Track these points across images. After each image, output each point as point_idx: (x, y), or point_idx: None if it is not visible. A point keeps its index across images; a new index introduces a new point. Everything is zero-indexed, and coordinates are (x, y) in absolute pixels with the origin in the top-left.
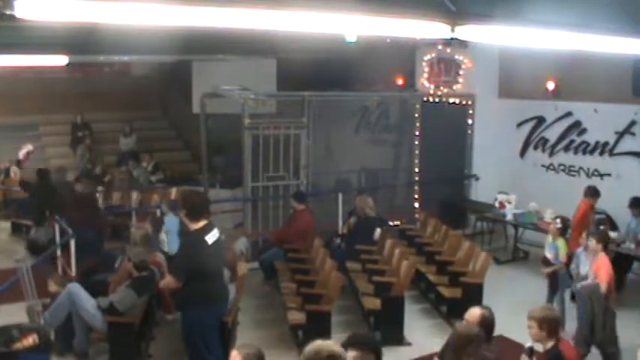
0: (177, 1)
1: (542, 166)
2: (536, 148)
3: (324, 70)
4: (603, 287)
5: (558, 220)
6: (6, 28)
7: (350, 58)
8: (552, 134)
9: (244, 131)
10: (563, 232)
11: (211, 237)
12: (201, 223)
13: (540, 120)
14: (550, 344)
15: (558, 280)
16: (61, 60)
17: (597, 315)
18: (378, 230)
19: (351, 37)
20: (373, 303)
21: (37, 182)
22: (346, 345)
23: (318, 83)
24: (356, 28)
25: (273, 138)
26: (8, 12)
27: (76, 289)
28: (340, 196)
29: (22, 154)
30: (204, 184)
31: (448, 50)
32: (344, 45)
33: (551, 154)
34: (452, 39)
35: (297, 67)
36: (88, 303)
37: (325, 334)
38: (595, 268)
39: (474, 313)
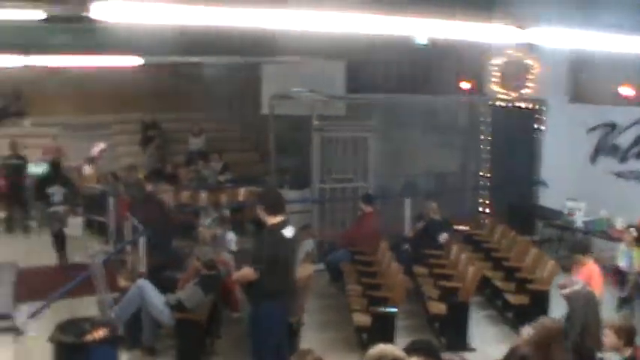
0: (251, 4)
1: (613, 173)
2: (607, 154)
3: (393, 73)
4: (598, 295)
5: (633, 229)
6: (83, 30)
7: (419, 61)
8: (624, 140)
9: (313, 133)
10: (638, 240)
11: (287, 232)
12: (279, 218)
13: (612, 126)
14: (628, 353)
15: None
16: (135, 61)
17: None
18: (445, 234)
19: (422, 41)
20: (438, 308)
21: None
22: (409, 350)
23: (388, 86)
24: (427, 31)
25: (341, 140)
26: (85, 14)
27: (145, 284)
28: (408, 200)
29: (95, 151)
30: (273, 185)
31: (518, 54)
32: (414, 48)
33: (623, 160)
34: (522, 43)
35: (366, 70)
36: (156, 299)
37: (389, 337)
38: (586, 277)
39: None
